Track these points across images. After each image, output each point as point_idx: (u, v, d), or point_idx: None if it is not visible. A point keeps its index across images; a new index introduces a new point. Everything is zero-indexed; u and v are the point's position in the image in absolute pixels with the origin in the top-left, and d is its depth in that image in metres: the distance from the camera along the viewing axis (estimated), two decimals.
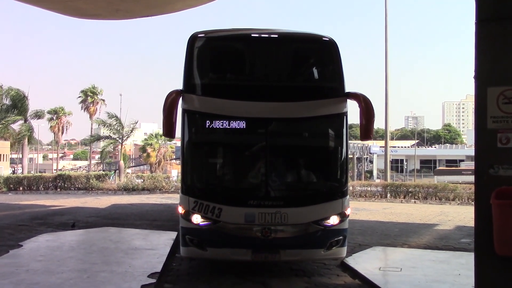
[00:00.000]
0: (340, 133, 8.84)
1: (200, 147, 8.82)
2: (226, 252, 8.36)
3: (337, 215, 8.48)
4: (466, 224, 16.21)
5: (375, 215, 19.16)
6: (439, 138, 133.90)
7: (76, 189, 31.82)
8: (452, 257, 10.52)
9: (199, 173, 8.93)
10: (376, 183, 32.59)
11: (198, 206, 8.28)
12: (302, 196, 8.74)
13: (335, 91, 8.84)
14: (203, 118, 8.53)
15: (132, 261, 9.23)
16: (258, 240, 8.17)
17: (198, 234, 8.34)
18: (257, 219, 8.16)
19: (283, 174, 8.91)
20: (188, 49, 8.94)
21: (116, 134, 38.63)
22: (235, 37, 9.71)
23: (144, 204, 22.88)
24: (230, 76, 9.42)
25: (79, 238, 12.47)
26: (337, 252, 8.65)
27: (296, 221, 8.26)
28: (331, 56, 9.07)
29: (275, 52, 9.24)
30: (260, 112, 8.44)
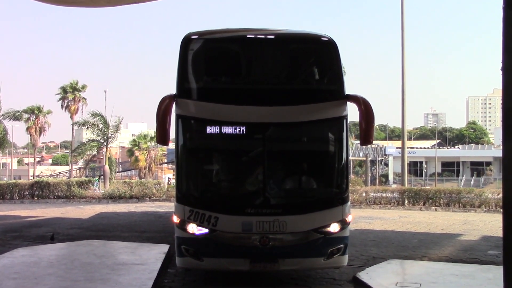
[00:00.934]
0: (340, 137, 9.29)
1: (195, 154, 9.30)
2: (223, 262, 8.76)
3: (337, 222, 8.92)
4: (494, 234, 16.21)
5: (391, 225, 19.16)
6: (462, 137, 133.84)
7: (56, 197, 31.84)
8: (478, 271, 10.51)
9: (195, 181, 9.39)
10: (392, 189, 32.64)
11: (194, 215, 8.69)
12: (301, 203, 9.19)
13: (335, 93, 9.26)
14: (197, 124, 9.08)
15: (119, 278, 9.23)
16: (256, 249, 8.62)
17: (194, 244, 8.76)
18: (254, 227, 8.60)
19: (282, 180, 9.33)
20: (181, 52, 9.31)
21: (101, 136, 38.62)
22: (231, 39, 10.14)
23: (132, 213, 22.90)
24: (225, 80, 9.86)
25: (59, 252, 12.47)
26: (338, 260, 9.08)
27: (295, 229, 8.70)
28: (330, 57, 9.49)
29: (272, 54, 9.75)
30: (257, 117, 8.89)
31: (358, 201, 27.92)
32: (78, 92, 62.48)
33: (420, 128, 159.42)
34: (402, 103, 32.05)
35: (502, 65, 5.81)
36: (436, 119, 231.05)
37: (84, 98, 63.21)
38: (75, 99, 62.13)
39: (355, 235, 15.28)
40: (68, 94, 61.66)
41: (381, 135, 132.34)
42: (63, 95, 62.29)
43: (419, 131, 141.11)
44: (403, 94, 32.01)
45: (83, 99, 63.07)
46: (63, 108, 62.82)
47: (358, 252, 12.78)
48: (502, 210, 5.94)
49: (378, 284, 9.04)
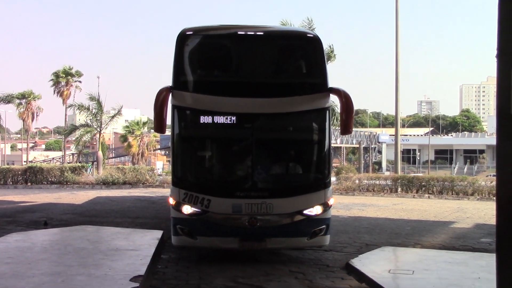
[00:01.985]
0: (323, 127, 10.16)
1: (189, 142, 10.20)
2: (215, 240, 9.68)
3: (320, 205, 9.83)
4: (487, 221, 16.32)
5: (384, 212, 19.25)
6: (456, 125, 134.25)
7: (49, 183, 31.81)
8: (470, 258, 10.58)
9: (189, 166, 10.30)
10: (386, 176, 32.76)
11: (188, 198, 9.59)
12: (287, 187, 10.13)
13: (319, 86, 10.13)
14: (192, 114, 9.96)
15: (112, 263, 9.23)
16: (245, 229, 9.51)
17: (188, 223, 9.69)
18: (244, 209, 9.48)
19: (269, 166, 10.23)
20: (177, 46, 10.09)
21: (95, 121, 38.43)
22: (223, 35, 10.93)
23: (125, 199, 22.92)
24: (218, 73, 10.83)
25: (53, 237, 12.47)
26: (321, 240, 10.00)
27: (281, 211, 9.59)
28: (314, 53, 10.41)
29: (261, 49, 10.58)
30: (246, 108, 9.76)
31: (351, 188, 28.03)
32: (71, 77, 62.11)
33: (414, 115, 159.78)
34: (396, 90, 32.06)
35: (497, 52, 5.80)
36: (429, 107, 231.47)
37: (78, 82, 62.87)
38: (68, 84, 61.76)
39: (348, 222, 15.36)
40: (61, 79, 61.26)
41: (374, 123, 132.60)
42: (56, 80, 61.90)
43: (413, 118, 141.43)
44: (396, 81, 32.02)
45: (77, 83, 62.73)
46: (56, 94, 62.47)
47: (351, 239, 12.84)
48: (495, 198, 5.95)
49: (371, 271, 9.08)
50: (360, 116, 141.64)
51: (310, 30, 28.10)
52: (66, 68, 62.07)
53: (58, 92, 61.98)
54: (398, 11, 31.68)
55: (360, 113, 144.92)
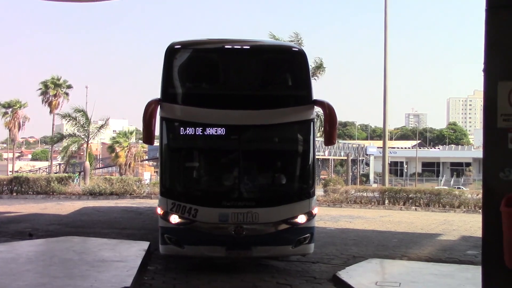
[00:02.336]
0: (307, 138, 10.46)
1: (177, 152, 10.47)
2: (202, 249, 9.88)
3: (304, 214, 10.04)
4: (473, 234, 16.38)
5: (371, 224, 19.28)
6: (443, 138, 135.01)
7: (35, 193, 31.51)
8: (457, 270, 10.62)
9: (176, 177, 10.55)
10: (373, 188, 32.84)
11: (176, 207, 9.79)
12: (272, 197, 10.36)
13: (303, 99, 10.43)
14: (179, 126, 10.13)
15: (99, 275, 9.17)
16: (231, 238, 9.66)
17: (175, 233, 9.87)
18: (230, 218, 9.67)
19: (255, 177, 10.56)
20: (165, 60, 10.39)
21: (82, 131, 38.22)
22: (210, 49, 11.35)
23: (112, 210, 22.78)
24: (205, 86, 11.10)
25: (38, 248, 12.37)
26: (305, 248, 10.21)
27: (266, 220, 9.79)
28: (299, 66, 10.75)
29: (247, 63, 10.94)
30: (233, 120, 10.01)
31: (339, 200, 28.01)
32: (59, 88, 61.83)
33: (401, 128, 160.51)
34: (384, 103, 32.25)
35: (484, 67, 5.86)
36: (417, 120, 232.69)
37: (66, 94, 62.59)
38: (56, 94, 61.46)
39: (335, 234, 15.37)
40: (50, 89, 60.97)
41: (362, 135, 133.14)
42: (44, 90, 61.59)
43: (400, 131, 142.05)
44: (385, 94, 32.21)
45: (65, 94, 62.44)
46: (44, 103, 62.13)
47: (338, 251, 12.84)
48: (481, 210, 5.99)
49: (358, 283, 9.09)
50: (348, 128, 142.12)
51: (298, 44, 28.28)
52: (54, 77, 61.82)
53: (46, 101, 61.63)
54: (387, 25, 31.94)
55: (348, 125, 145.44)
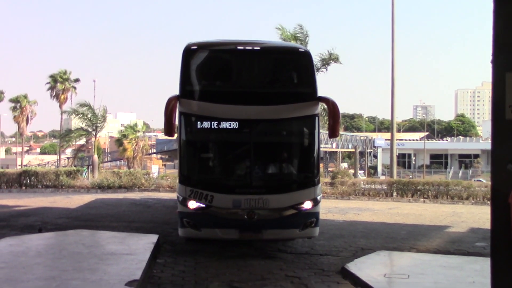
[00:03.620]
0: (313, 131, 11.43)
1: (195, 144, 11.44)
2: (217, 232, 10.83)
3: (310, 200, 10.99)
4: (482, 226, 16.34)
5: (379, 216, 19.26)
6: (451, 130, 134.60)
7: (44, 187, 31.68)
8: (465, 262, 10.61)
9: (194, 166, 11.49)
10: (381, 180, 32.78)
11: (194, 194, 10.72)
12: (281, 184, 11.32)
13: (309, 95, 11.34)
14: (197, 120, 10.97)
15: (108, 268, 9.21)
16: (244, 221, 10.61)
17: (193, 217, 10.80)
18: (243, 204, 10.59)
19: (265, 166, 11.42)
20: (183, 59, 11.29)
21: (89, 125, 38.31)
22: (224, 49, 12.40)
23: (121, 203, 22.86)
24: (220, 83, 12.02)
25: (48, 242, 12.43)
26: (311, 231, 11.21)
27: (276, 205, 10.72)
28: (305, 65, 11.74)
29: (258, 62, 11.99)
30: (245, 115, 10.90)
31: (347, 192, 28.01)
32: (67, 82, 62.05)
33: (409, 120, 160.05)
34: (392, 95, 32.11)
35: (492, 58, 5.82)
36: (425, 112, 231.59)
37: (74, 87, 62.83)
38: (64, 88, 61.70)
39: (343, 226, 15.38)
40: (58, 83, 61.19)
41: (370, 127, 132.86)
42: (52, 84, 61.84)
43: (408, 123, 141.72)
44: (392, 86, 32.06)
45: (73, 88, 62.68)
46: (52, 97, 62.42)
47: (346, 243, 12.84)
48: (490, 202, 5.97)
49: (366, 275, 9.09)
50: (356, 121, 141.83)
51: (304, 36, 28.30)
52: (62, 71, 62.03)
53: (55, 95, 61.96)
54: (394, 17, 31.76)
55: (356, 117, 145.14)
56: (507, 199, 5.48)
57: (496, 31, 5.80)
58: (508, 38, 5.75)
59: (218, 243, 11.86)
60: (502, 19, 5.79)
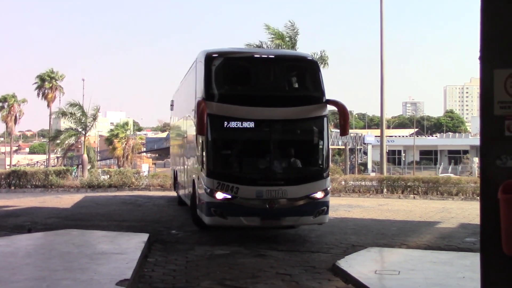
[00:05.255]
0: (322, 130, 12.93)
1: (221, 142, 12.66)
2: (241, 219, 12.08)
3: (322, 191, 12.52)
4: (471, 221, 16.44)
5: (370, 213, 19.33)
6: (440, 126, 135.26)
7: (33, 186, 31.51)
8: (455, 258, 10.66)
9: (220, 161, 12.73)
10: (371, 177, 32.86)
11: (221, 186, 12.02)
12: (297, 177, 12.69)
13: (319, 99, 12.95)
14: (221, 120, 12.27)
15: (98, 267, 9.18)
16: (265, 210, 12.00)
17: (220, 206, 12.07)
18: (265, 194, 11.98)
19: (283, 161, 12.77)
20: (205, 66, 12.80)
21: (79, 125, 38.16)
22: (243, 57, 14.29)
23: (111, 202, 22.77)
24: (240, 87, 13.41)
25: (37, 242, 12.37)
26: (323, 218, 12.67)
27: (293, 195, 12.18)
28: (314, 72, 13.35)
29: (273, 69, 13.56)
30: (265, 115, 12.41)
31: (337, 189, 28.04)
32: (55, 81, 61.70)
33: (399, 116, 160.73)
34: (381, 91, 32.24)
35: (480, 54, 5.85)
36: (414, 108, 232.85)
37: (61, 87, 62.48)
38: (52, 87, 61.36)
39: (334, 223, 15.41)
40: (46, 83, 60.83)
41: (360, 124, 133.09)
42: (40, 84, 61.47)
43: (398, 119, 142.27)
44: (382, 82, 32.18)
45: (60, 87, 62.34)
46: (40, 97, 62.05)
47: (337, 240, 12.88)
48: (479, 198, 6.00)
49: (357, 272, 9.11)
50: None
51: (294, 33, 28.55)
52: (49, 70, 61.67)
53: (43, 95, 61.59)
54: (383, 13, 31.87)
55: None
56: (496, 194, 5.51)
57: (484, 27, 5.83)
58: (495, 35, 5.79)
59: (209, 242, 11.83)
60: (489, 16, 5.83)
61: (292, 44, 28.74)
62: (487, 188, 5.75)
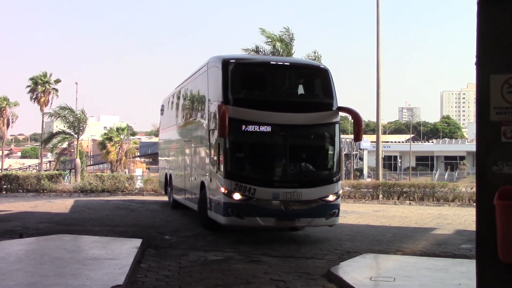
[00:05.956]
0: (335, 136, 13.71)
1: (239, 145, 13.21)
2: (258, 219, 12.60)
3: (333, 194, 13.19)
4: (467, 228, 16.46)
5: (365, 219, 19.33)
6: (437, 132, 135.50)
7: (25, 191, 31.33)
8: (451, 265, 10.66)
9: (238, 163, 13.31)
10: (367, 183, 32.83)
11: (238, 187, 12.59)
12: (311, 180, 13.34)
13: (331, 105, 13.61)
14: (241, 124, 12.77)
15: (90, 273, 9.15)
16: (281, 211, 12.62)
17: (237, 207, 12.63)
18: (281, 196, 12.57)
19: (298, 164, 13.39)
20: (223, 71, 13.33)
21: (72, 129, 38.02)
22: (259, 63, 15.44)
23: (104, 207, 22.70)
24: (257, 92, 14.00)
25: (29, 247, 12.31)
26: (334, 220, 13.37)
27: (307, 197, 12.78)
28: (327, 80, 13.91)
29: (288, 75, 14.52)
30: (281, 120, 13.00)
31: None
32: (48, 84, 61.57)
33: (395, 122, 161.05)
34: (377, 97, 32.24)
35: (476, 60, 5.88)
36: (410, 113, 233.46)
37: (56, 90, 62.35)
38: (45, 91, 61.22)
39: (329, 229, 15.38)
40: (39, 86, 60.68)
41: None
42: (33, 87, 61.32)
43: (394, 125, 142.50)
44: (378, 88, 32.20)
45: (54, 90, 62.21)
46: (33, 100, 61.89)
47: (332, 246, 12.87)
48: (475, 204, 6.02)
49: (352, 279, 9.11)
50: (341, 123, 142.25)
51: (290, 38, 28.87)
52: (42, 74, 61.53)
53: (35, 98, 61.44)
54: (379, 18, 31.92)
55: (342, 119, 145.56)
56: (492, 201, 5.52)
57: (480, 33, 5.86)
58: (492, 40, 5.81)
59: (202, 247, 11.82)
60: (486, 21, 5.85)
61: (288, 49, 28.84)
62: (483, 194, 5.76)
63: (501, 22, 5.78)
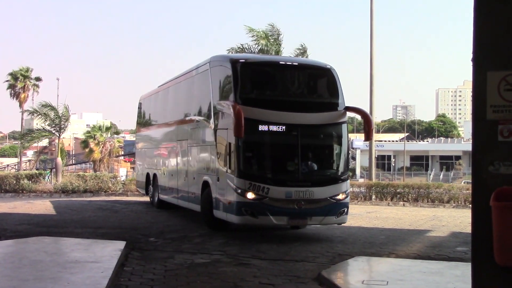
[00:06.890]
0: (344, 135, 14.45)
1: (252, 144, 13.70)
2: (271, 218, 13.20)
3: (343, 193, 13.93)
4: (463, 230, 16.53)
5: (357, 220, 19.36)
6: (432, 130, 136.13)
7: (3, 191, 31.15)
8: (446, 268, 10.72)
9: (252, 163, 13.83)
10: (359, 183, 32.89)
11: (252, 186, 13.14)
12: (322, 179, 14.11)
13: (339, 105, 14.37)
14: (253, 123, 13.19)
15: (72, 277, 9.11)
16: (293, 210, 13.26)
17: (251, 206, 13.19)
18: (293, 195, 13.19)
19: (309, 163, 14.03)
20: (233, 71, 13.84)
21: (53, 126, 37.68)
22: (268, 63, 16.06)
23: (86, 208, 22.59)
24: (267, 92, 14.63)
25: (6, 250, 12.24)
26: (343, 218, 14.11)
27: (319, 196, 13.45)
28: (335, 81, 14.59)
29: (297, 75, 15.10)
30: (293, 120, 13.62)
31: None
32: (28, 80, 61.11)
33: (389, 120, 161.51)
34: (370, 94, 32.28)
35: (473, 56, 5.89)
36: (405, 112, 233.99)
37: (36, 85, 61.89)
38: (25, 87, 60.72)
39: (320, 231, 15.43)
40: (18, 81, 60.19)
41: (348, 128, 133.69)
42: (12, 82, 60.81)
43: (388, 123, 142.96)
44: (371, 85, 32.24)
45: (34, 86, 61.73)
46: (12, 96, 61.39)
47: (323, 249, 12.88)
48: (471, 205, 6.03)
49: (344, 282, 9.15)
50: None
51: (276, 35, 29.13)
52: (22, 69, 61.04)
53: (14, 94, 60.92)
54: (373, 14, 31.97)
55: None
56: (488, 202, 5.54)
57: (477, 29, 5.87)
58: (488, 37, 5.83)
59: (189, 250, 11.78)
60: (482, 18, 5.88)
61: (277, 44, 28.88)
62: (479, 195, 5.78)
63: (498, 18, 5.79)
